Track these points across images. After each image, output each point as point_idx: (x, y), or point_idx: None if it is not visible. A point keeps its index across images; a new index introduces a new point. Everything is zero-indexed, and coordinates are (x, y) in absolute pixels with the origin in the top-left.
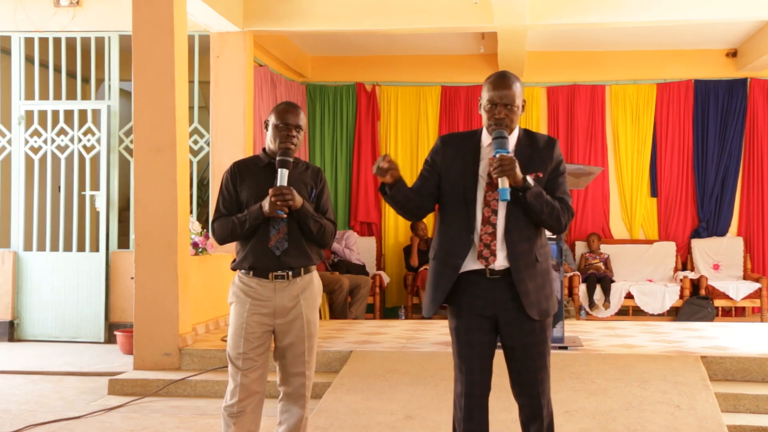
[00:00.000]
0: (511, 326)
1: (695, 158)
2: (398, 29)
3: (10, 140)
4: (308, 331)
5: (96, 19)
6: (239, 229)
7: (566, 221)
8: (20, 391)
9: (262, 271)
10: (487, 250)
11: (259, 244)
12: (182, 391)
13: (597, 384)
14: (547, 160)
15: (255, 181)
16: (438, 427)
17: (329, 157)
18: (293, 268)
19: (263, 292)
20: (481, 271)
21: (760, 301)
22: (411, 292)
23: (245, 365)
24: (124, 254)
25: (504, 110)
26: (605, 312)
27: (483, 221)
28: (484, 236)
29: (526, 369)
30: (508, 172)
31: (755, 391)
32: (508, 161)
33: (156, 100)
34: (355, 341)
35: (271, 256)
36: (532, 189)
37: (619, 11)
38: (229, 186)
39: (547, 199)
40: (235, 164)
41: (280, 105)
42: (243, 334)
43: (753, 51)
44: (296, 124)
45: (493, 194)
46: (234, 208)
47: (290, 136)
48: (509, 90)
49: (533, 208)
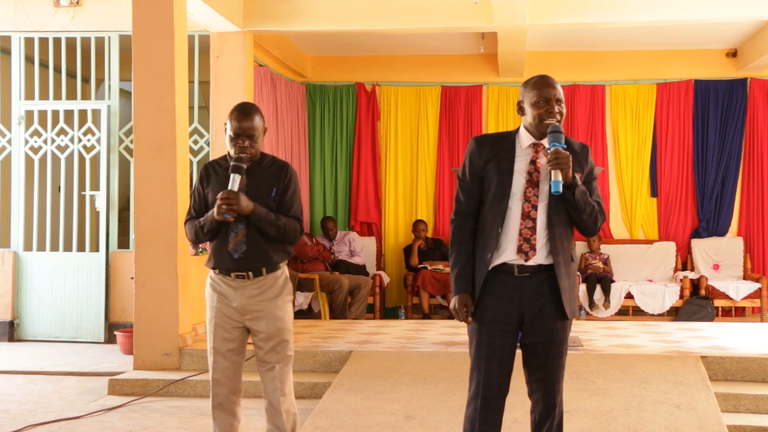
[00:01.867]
0: (536, 324)
1: (695, 158)
2: (398, 29)
3: (10, 140)
4: (276, 327)
5: (96, 19)
6: (200, 231)
7: (600, 224)
8: (20, 391)
9: (224, 270)
10: (527, 245)
11: (220, 245)
12: (182, 391)
13: (597, 384)
14: (583, 163)
15: (217, 184)
16: (438, 427)
17: (329, 157)
18: (253, 270)
19: (227, 290)
20: (509, 269)
21: (760, 301)
22: (411, 292)
23: (215, 359)
24: (124, 254)
25: (557, 105)
26: (605, 312)
27: (523, 215)
28: (524, 230)
29: (546, 367)
30: (562, 166)
31: (755, 391)
32: (564, 155)
33: (156, 100)
34: (355, 341)
35: (230, 259)
36: (579, 186)
37: (619, 11)
38: (199, 187)
39: (589, 199)
40: (205, 165)
41: (234, 110)
42: (212, 329)
43: (753, 51)
44: (250, 132)
45: (533, 190)
46: (202, 209)
47: (243, 148)
48: (556, 88)
49: (578, 206)
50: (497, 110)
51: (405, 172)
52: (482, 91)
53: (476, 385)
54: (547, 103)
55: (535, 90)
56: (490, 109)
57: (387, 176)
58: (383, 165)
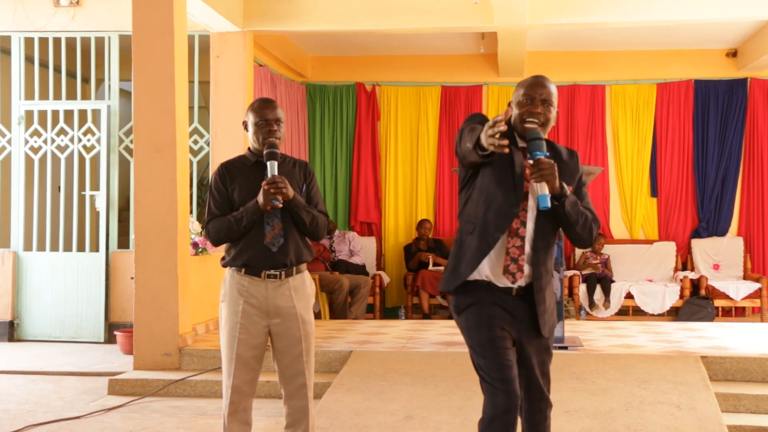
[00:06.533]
0: (530, 345)
1: (695, 158)
2: (398, 29)
3: (10, 140)
4: (304, 331)
5: (96, 19)
6: (236, 226)
7: (596, 233)
8: (20, 391)
9: (256, 269)
10: (514, 265)
11: (254, 241)
12: (182, 391)
13: (597, 384)
14: (574, 171)
15: (245, 180)
16: (438, 427)
17: (329, 157)
18: (287, 265)
19: (256, 291)
20: (508, 290)
21: (760, 301)
22: (411, 292)
23: (237, 366)
24: (124, 254)
25: (541, 106)
26: (605, 312)
27: (511, 233)
28: (511, 250)
29: (538, 386)
30: (547, 177)
31: (755, 391)
32: (547, 165)
33: (156, 100)
34: (355, 341)
35: (266, 253)
36: (569, 197)
37: (619, 11)
38: (219, 187)
39: (581, 209)
40: (223, 165)
41: (254, 103)
42: (236, 335)
43: (753, 51)
44: (275, 118)
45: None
46: (226, 208)
47: (272, 131)
48: (546, 88)
49: (570, 218)
50: (497, 110)
51: (405, 172)
52: (482, 91)
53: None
54: (531, 102)
55: (523, 88)
56: (490, 109)
57: (387, 176)
58: (383, 165)
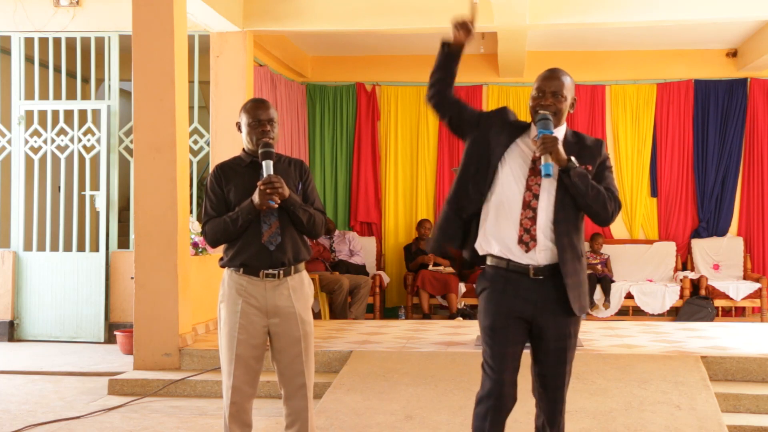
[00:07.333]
0: (549, 329)
1: (695, 158)
2: (398, 29)
3: (10, 140)
4: (303, 331)
5: (96, 19)
6: (232, 227)
7: (613, 210)
8: (20, 391)
9: (254, 269)
10: (527, 235)
11: (251, 240)
12: (182, 391)
13: (597, 384)
14: (596, 155)
15: (241, 181)
16: (438, 427)
17: (329, 157)
18: (285, 264)
19: (255, 291)
20: (524, 271)
21: (760, 301)
22: (411, 292)
23: (236, 366)
24: (124, 254)
25: (551, 98)
26: (605, 312)
27: (523, 205)
28: (524, 221)
29: (555, 373)
30: (550, 149)
31: (755, 391)
32: (549, 139)
33: (156, 100)
34: (355, 341)
35: (263, 252)
36: (576, 168)
37: (619, 11)
38: (215, 188)
39: (592, 182)
40: (218, 166)
41: (247, 103)
42: (235, 335)
43: (753, 51)
44: (268, 118)
45: (535, 179)
46: (223, 208)
47: (265, 131)
48: (557, 80)
49: (578, 188)
50: None
51: (405, 172)
52: (482, 91)
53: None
54: (542, 96)
55: (537, 82)
56: (490, 108)
57: (387, 176)
58: (383, 165)
